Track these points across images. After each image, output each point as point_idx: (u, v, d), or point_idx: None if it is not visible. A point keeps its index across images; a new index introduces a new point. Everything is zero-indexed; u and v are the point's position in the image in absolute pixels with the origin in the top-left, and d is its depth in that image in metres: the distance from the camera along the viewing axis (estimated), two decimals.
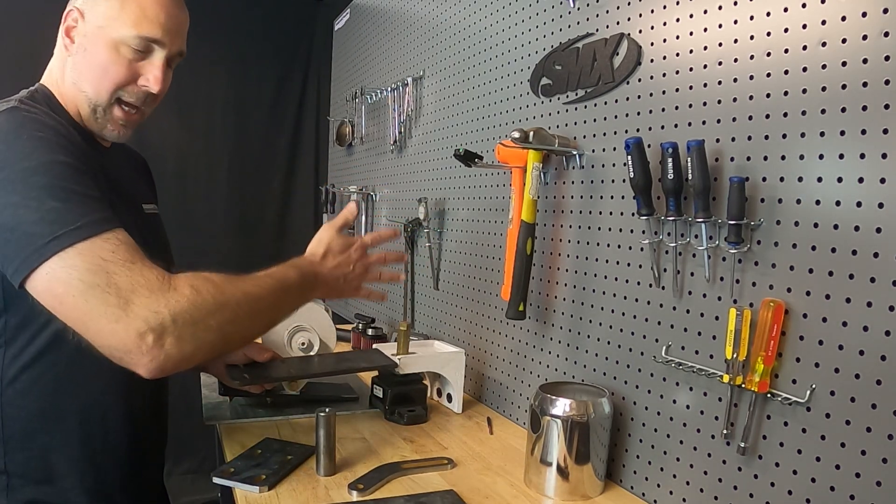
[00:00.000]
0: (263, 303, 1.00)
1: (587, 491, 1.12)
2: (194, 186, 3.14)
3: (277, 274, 1.04)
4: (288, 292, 1.05)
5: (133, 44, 1.02)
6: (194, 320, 0.88)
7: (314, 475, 1.16)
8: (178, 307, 0.86)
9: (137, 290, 0.85)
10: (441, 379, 1.58)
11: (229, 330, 0.93)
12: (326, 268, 1.15)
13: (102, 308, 0.83)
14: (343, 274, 1.17)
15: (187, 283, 0.89)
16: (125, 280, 0.85)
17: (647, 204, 1.07)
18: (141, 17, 1.02)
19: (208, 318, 0.90)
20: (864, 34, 0.79)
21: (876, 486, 0.77)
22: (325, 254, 1.16)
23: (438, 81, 1.91)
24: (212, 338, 0.91)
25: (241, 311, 0.95)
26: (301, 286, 1.08)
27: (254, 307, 0.98)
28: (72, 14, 1.03)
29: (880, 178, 0.77)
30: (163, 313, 0.85)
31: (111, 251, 0.86)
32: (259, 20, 3.21)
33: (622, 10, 1.18)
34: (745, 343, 0.91)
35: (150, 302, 0.85)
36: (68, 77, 1.04)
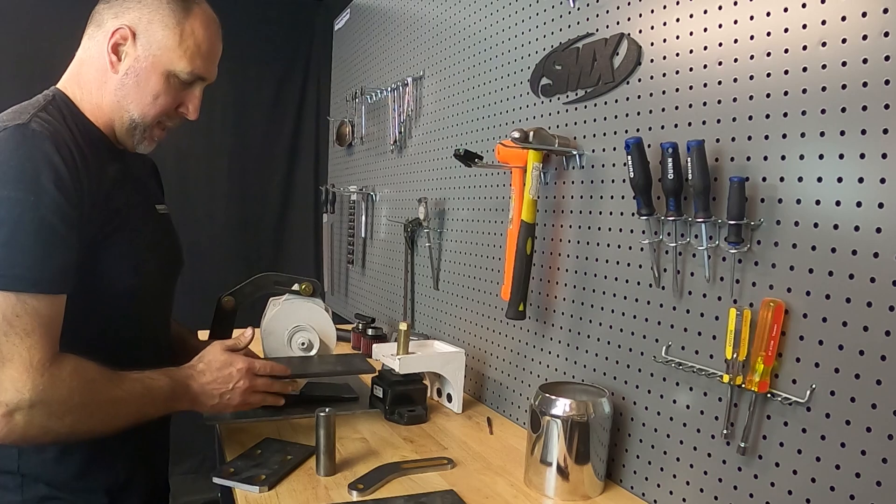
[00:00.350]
0: (126, 410, 1.00)
1: (587, 491, 1.12)
2: (194, 186, 3.14)
3: (149, 381, 1.04)
4: (154, 401, 1.04)
5: (184, 77, 1.07)
6: (51, 413, 0.90)
7: (314, 475, 1.16)
8: (42, 396, 0.88)
9: (13, 362, 0.87)
10: (441, 379, 1.58)
11: (80, 430, 0.95)
12: (199, 382, 1.12)
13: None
14: (218, 392, 1.14)
15: (63, 377, 0.91)
16: (8, 347, 0.87)
17: (647, 204, 1.07)
18: (196, 54, 1.06)
19: (66, 415, 0.92)
20: (864, 34, 0.79)
21: (876, 486, 0.77)
22: (202, 370, 1.14)
23: (438, 81, 1.91)
24: (60, 432, 0.93)
25: (100, 416, 0.97)
26: (170, 396, 1.07)
27: (115, 413, 0.99)
28: (121, 31, 1.03)
29: (880, 178, 0.77)
30: (24, 395, 0.87)
31: (16, 314, 0.87)
32: (259, 20, 3.21)
33: (622, 10, 1.18)
34: (745, 343, 0.91)
35: (18, 379, 0.87)
36: (111, 93, 1.05)
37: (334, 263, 2.97)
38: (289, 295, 1.56)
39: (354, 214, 2.63)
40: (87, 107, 1.06)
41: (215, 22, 1.11)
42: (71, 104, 1.05)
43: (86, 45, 1.07)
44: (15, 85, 1.07)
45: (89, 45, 1.07)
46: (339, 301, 2.90)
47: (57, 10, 2.69)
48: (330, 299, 2.97)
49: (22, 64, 2.66)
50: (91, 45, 1.06)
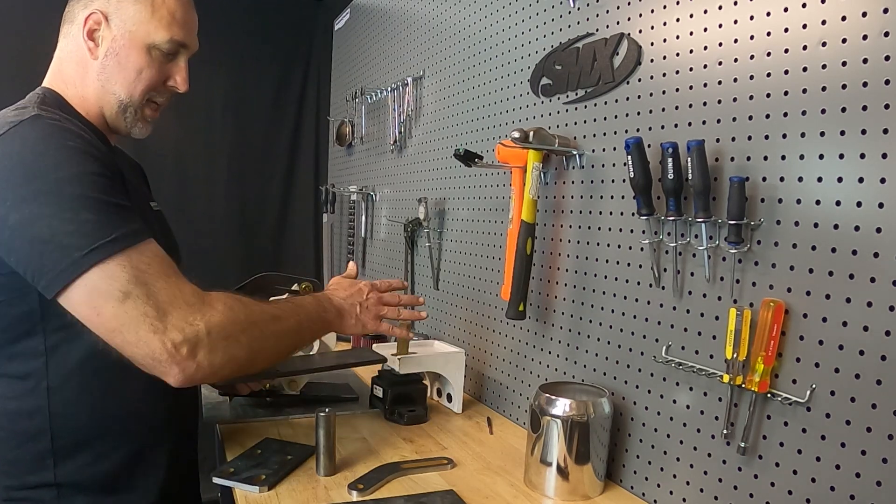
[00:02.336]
0: (287, 324, 1.06)
1: (587, 491, 1.12)
2: (194, 186, 3.14)
3: (296, 300, 1.13)
4: (308, 317, 1.11)
5: (165, 48, 1.06)
6: (227, 334, 0.93)
7: (314, 475, 1.16)
8: (212, 321, 0.91)
9: (175, 302, 0.89)
10: (441, 379, 1.57)
11: (257, 347, 0.98)
12: (339, 297, 1.22)
13: (141, 318, 0.86)
14: (357, 302, 1.23)
15: (220, 300, 0.94)
16: (164, 292, 0.89)
17: (647, 204, 1.07)
18: (172, 22, 1.06)
19: (240, 334, 0.95)
20: (864, 34, 0.79)
21: (876, 486, 0.77)
22: (334, 289, 1.25)
23: (438, 81, 1.91)
24: (241, 353, 0.95)
25: (268, 331, 1.01)
26: (318, 311, 1.15)
27: (279, 328, 1.04)
28: (93, 17, 1.03)
29: (880, 178, 0.77)
30: (198, 326, 0.89)
31: (147, 263, 0.89)
32: (259, 20, 3.21)
33: (622, 10, 1.18)
34: (745, 343, 0.91)
35: (187, 314, 0.89)
36: (93, 80, 1.05)
37: (334, 263, 2.97)
38: (289, 295, 1.56)
39: (354, 214, 2.63)
40: (75, 100, 1.06)
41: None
42: (61, 99, 1.06)
43: (62, 44, 1.08)
44: (14, 85, 1.06)
45: (65, 43, 1.07)
46: None
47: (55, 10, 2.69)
48: None
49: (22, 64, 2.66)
50: (67, 42, 1.07)
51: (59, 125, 0.94)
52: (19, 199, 0.86)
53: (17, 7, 2.71)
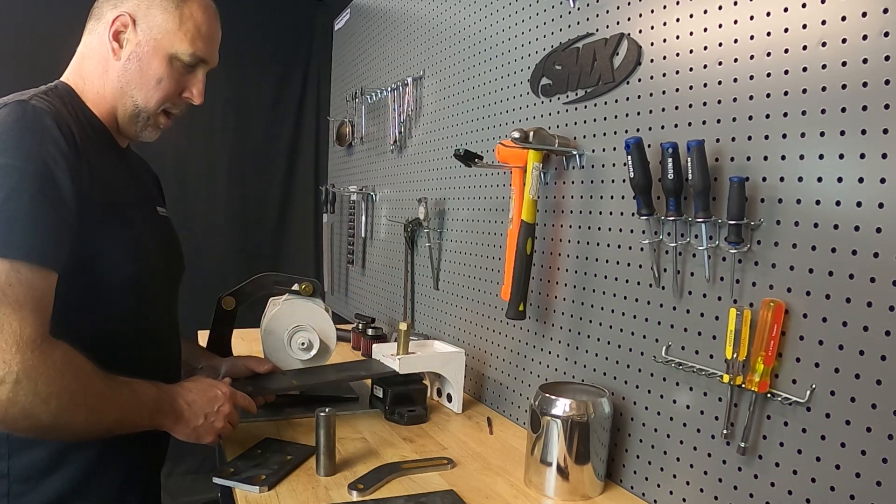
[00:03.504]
0: (110, 410, 0.95)
1: (587, 491, 1.12)
2: (194, 186, 3.14)
3: (137, 385, 0.99)
4: (140, 407, 0.99)
5: (186, 60, 1.07)
6: (36, 393, 0.84)
7: (314, 475, 1.16)
8: (29, 372, 0.83)
9: (3, 334, 0.82)
10: (441, 379, 1.58)
11: (62, 420, 0.88)
12: (186, 399, 1.08)
13: None
14: (204, 413, 1.08)
15: (57, 358, 0.86)
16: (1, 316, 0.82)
17: (647, 204, 1.07)
18: (196, 36, 1.06)
19: (51, 400, 0.85)
20: (864, 34, 0.79)
21: (876, 486, 0.77)
22: (190, 387, 1.11)
23: (438, 81, 1.91)
24: (44, 418, 0.86)
25: (85, 410, 0.91)
26: (155, 406, 1.02)
27: (100, 410, 0.93)
28: (121, 18, 1.04)
29: (880, 179, 0.77)
30: (11, 369, 0.82)
31: (9, 283, 0.83)
32: (259, 20, 3.21)
33: (622, 10, 1.18)
34: (745, 343, 0.91)
35: (6, 350, 0.82)
36: (113, 80, 1.05)
37: (334, 263, 2.97)
38: (289, 295, 1.56)
39: (354, 214, 2.63)
40: (90, 96, 1.06)
41: (213, 6, 1.12)
42: (73, 94, 1.06)
43: (86, 39, 1.08)
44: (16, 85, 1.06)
45: (90, 39, 1.07)
46: (339, 301, 2.90)
47: (57, 9, 2.69)
48: (330, 299, 2.98)
49: (22, 63, 2.66)
50: (91, 39, 1.07)
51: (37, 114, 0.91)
52: None
53: (18, 5, 2.72)
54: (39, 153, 0.89)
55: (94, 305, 1.00)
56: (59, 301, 0.91)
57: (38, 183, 0.88)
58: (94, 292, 0.99)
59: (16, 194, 0.86)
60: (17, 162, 0.87)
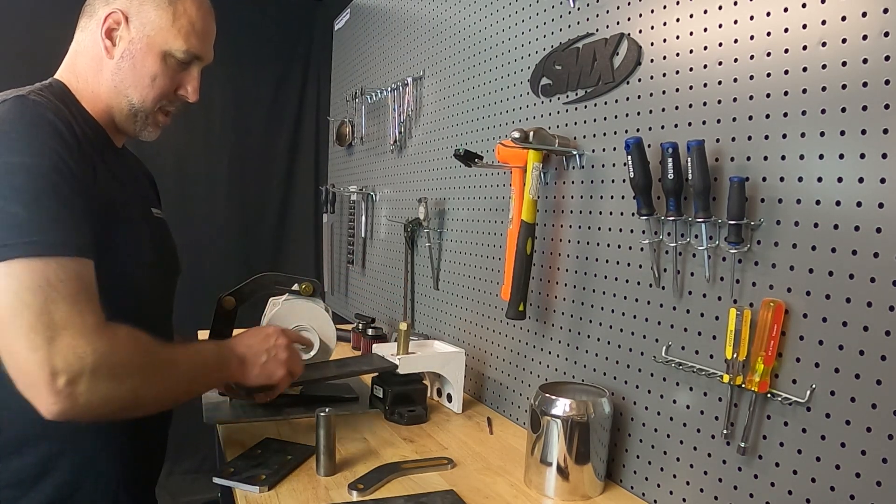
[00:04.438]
0: (182, 373, 0.99)
1: (587, 491, 1.12)
2: (194, 186, 3.14)
3: (197, 345, 1.06)
4: (206, 364, 1.05)
5: (180, 57, 1.05)
6: (114, 375, 0.86)
7: (314, 475, 1.16)
8: (103, 359, 0.84)
9: (70, 328, 0.82)
10: (441, 379, 1.58)
11: (142, 394, 0.92)
12: (243, 344, 1.14)
13: (27, 332, 0.80)
14: (264, 349, 1.15)
15: (121, 338, 0.88)
16: (62, 312, 0.82)
17: (647, 204, 1.07)
18: (190, 32, 1.05)
19: (127, 378, 0.88)
20: (864, 34, 0.79)
21: (876, 486, 0.77)
22: (241, 334, 1.18)
23: (438, 81, 1.91)
24: (124, 397, 0.89)
25: (160, 379, 0.95)
26: (218, 359, 1.08)
27: (173, 377, 0.97)
28: (113, 16, 1.02)
29: (880, 179, 0.77)
30: (85, 359, 0.82)
31: (60, 279, 0.83)
32: (259, 20, 3.21)
33: (622, 10, 1.18)
34: (745, 343, 0.91)
35: (78, 343, 0.82)
36: (107, 79, 1.04)
37: (334, 263, 2.97)
38: (289, 295, 1.56)
39: (354, 214, 2.63)
40: (85, 95, 1.05)
41: (207, 2, 1.10)
42: (68, 92, 1.04)
43: (79, 37, 1.07)
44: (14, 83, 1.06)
45: (82, 37, 1.06)
46: (339, 301, 2.90)
47: (56, 7, 2.69)
48: (330, 299, 2.98)
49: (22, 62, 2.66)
50: (84, 36, 1.06)
51: (39, 110, 0.91)
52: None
53: (19, 6, 2.72)
54: (50, 147, 0.89)
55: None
56: None
57: (57, 177, 0.88)
58: None
59: (42, 192, 0.86)
60: (32, 159, 0.87)
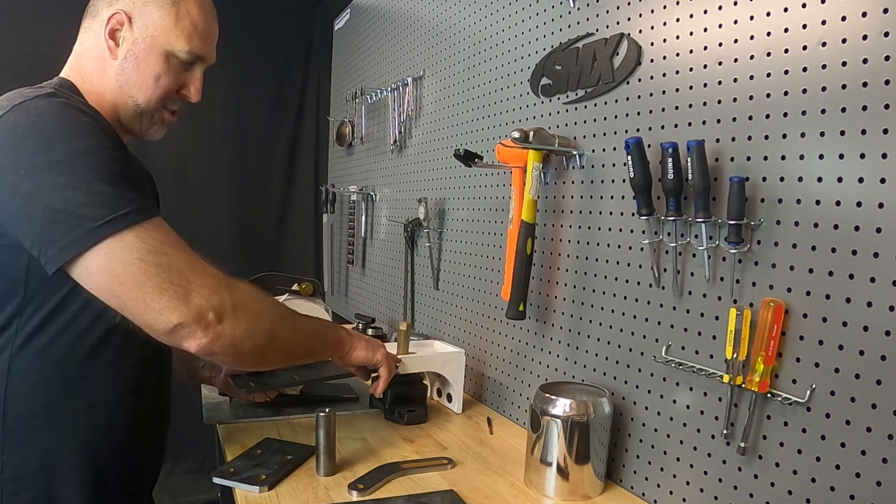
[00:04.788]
0: (305, 323, 1.12)
1: (587, 491, 1.12)
2: (194, 186, 3.14)
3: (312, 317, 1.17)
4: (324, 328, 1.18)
5: (183, 57, 1.07)
6: (250, 311, 0.95)
7: (314, 475, 1.16)
8: (237, 295, 0.94)
9: (199, 273, 0.91)
10: (441, 379, 1.57)
11: (277, 331, 1.01)
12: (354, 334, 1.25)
13: (166, 286, 0.87)
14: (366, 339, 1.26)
15: (243, 282, 0.98)
16: (186, 262, 0.90)
17: (647, 204, 1.07)
18: (192, 33, 1.06)
19: (262, 312, 0.98)
20: (864, 34, 0.79)
21: (876, 486, 0.77)
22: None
23: (438, 81, 1.91)
24: (262, 332, 0.98)
25: (288, 321, 1.05)
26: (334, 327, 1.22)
27: (297, 323, 1.09)
28: (117, 16, 1.03)
29: (880, 178, 0.77)
30: (223, 296, 0.92)
31: (164, 237, 0.90)
32: (259, 20, 3.21)
33: (622, 10, 1.18)
34: (745, 343, 0.91)
35: (213, 284, 0.92)
36: (112, 79, 1.05)
37: (334, 263, 2.97)
38: (289, 295, 1.56)
39: (354, 214, 2.63)
40: (91, 95, 1.06)
41: (209, 2, 1.11)
42: (77, 91, 1.05)
43: (82, 38, 1.08)
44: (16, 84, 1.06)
45: (86, 38, 1.07)
46: (339, 301, 2.90)
47: (56, 8, 2.69)
48: (330, 299, 2.98)
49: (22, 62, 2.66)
50: (88, 37, 1.06)
51: (71, 103, 0.94)
52: (33, 167, 0.86)
53: (17, 5, 2.72)
54: (95, 129, 0.93)
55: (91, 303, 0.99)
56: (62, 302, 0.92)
57: (116, 154, 0.92)
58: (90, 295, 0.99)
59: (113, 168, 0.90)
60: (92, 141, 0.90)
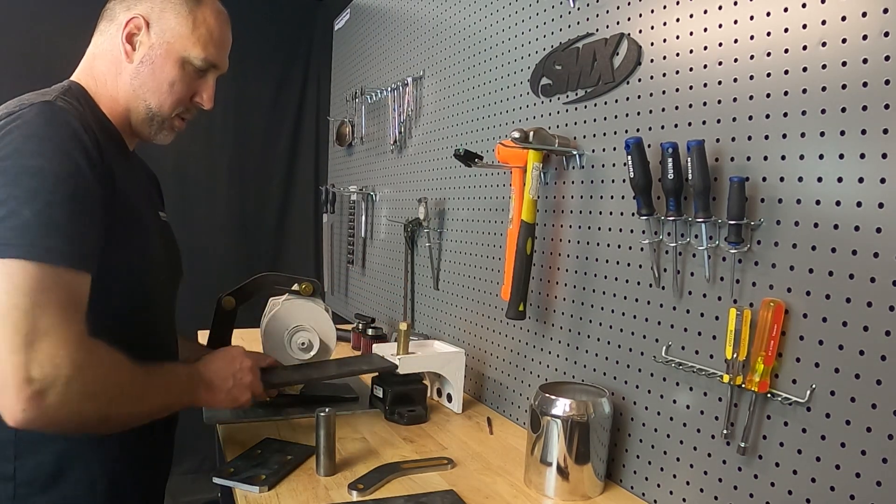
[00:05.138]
0: (152, 396, 0.99)
1: (587, 491, 1.12)
2: (194, 186, 3.14)
3: (169, 367, 1.06)
4: (177, 386, 1.06)
5: (198, 64, 1.07)
6: (85, 392, 0.86)
7: (314, 475, 1.16)
8: (79, 372, 0.84)
9: (52, 335, 0.82)
10: (441, 379, 1.57)
11: (112, 414, 0.92)
12: (209, 369, 1.15)
13: (10, 333, 0.80)
14: (230, 374, 1.17)
15: (100, 356, 0.88)
16: (48, 320, 0.82)
17: (647, 204, 1.07)
18: (208, 41, 1.07)
19: (100, 395, 0.88)
20: (864, 34, 0.79)
21: (876, 486, 0.77)
22: (208, 359, 1.18)
23: (438, 81, 1.91)
24: (92, 415, 0.89)
25: (131, 400, 0.95)
26: (187, 382, 1.09)
27: (143, 398, 0.97)
28: (135, 21, 1.03)
29: (880, 178, 0.77)
30: (61, 370, 0.82)
31: (51, 287, 0.84)
32: (259, 20, 3.21)
33: (622, 10, 1.18)
34: (745, 343, 0.91)
35: (55, 353, 0.82)
36: (126, 83, 1.05)
37: (334, 263, 2.97)
38: (289, 295, 1.56)
39: (354, 214, 2.63)
40: (103, 99, 1.06)
41: (224, 12, 1.13)
42: (87, 95, 1.05)
43: (97, 40, 1.08)
44: (17, 85, 1.06)
45: (101, 41, 1.07)
46: (339, 301, 2.90)
47: (59, 10, 2.69)
48: (330, 299, 2.98)
49: (25, 64, 2.66)
50: (103, 40, 1.06)
51: (64, 117, 0.92)
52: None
53: (19, 6, 2.71)
54: (71, 154, 0.89)
55: (98, 311, 0.99)
56: None
57: (73, 186, 0.88)
58: (99, 298, 0.98)
59: (54, 198, 0.86)
60: (52, 165, 0.87)
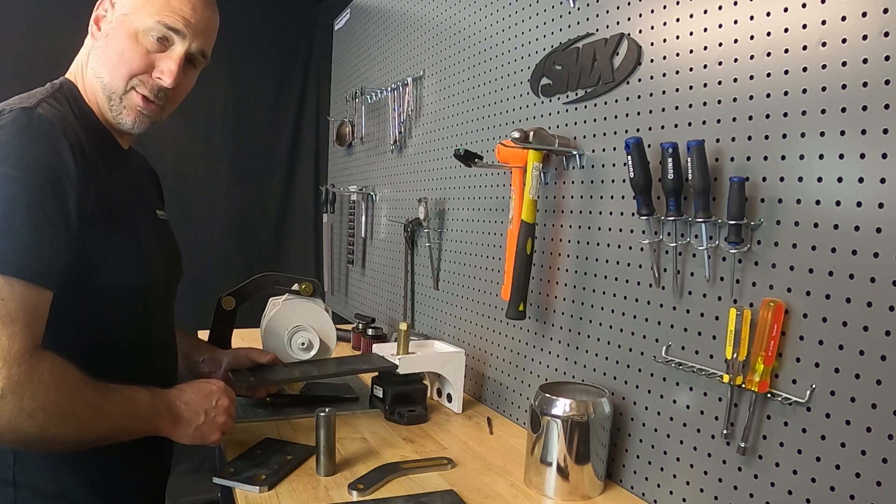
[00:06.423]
0: (102, 419, 0.92)
1: (587, 491, 1.12)
2: (194, 186, 3.14)
3: (130, 392, 0.97)
4: (134, 414, 0.97)
5: (153, 33, 1.00)
6: (21, 409, 0.82)
7: (314, 475, 1.16)
8: (15, 388, 0.81)
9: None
10: (441, 379, 1.57)
11: (50, 433, 0.86)
12: (182, 399, 1.05)
13: None
14: (203, 409, 1.06)
15: (45, 372, 0.85)
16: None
17: (647, 204, 1.07)
18: (164, 7, 1.01)
19: (37, 414, 0.84)
20: (864, 34, 0.79)
21: (876, 486, 0.77)
22: (184, 387, 1.08)
23: (438, 81, 1.91)
24: (30, 431, 0.84)
25: (74, 422, 0.89)
26: (150, 410, 0.99)
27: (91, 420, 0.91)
28: (103, 4, 1.03)
29: (880, 178, 0.77)
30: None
31: (1, 298, 0.82)
32: (259, 20, 3.21)
33: (622, 10, 1.18)
34: (745, 343, 0.91)
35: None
36: (90, 65, 1.03)
37: (334, 263, 2.97)
38: (289, 295, 1.56)
39: (354, 214, 2.63)
40: (88, 93, 1.04)
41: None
42: (76, 92, 1.04)
43: None
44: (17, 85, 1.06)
45: None
46: (339, 301, 2.90)
47: (60, 10, 2.68)
48: (330, 299, 2.97)
49: (25, 64, 2.66)
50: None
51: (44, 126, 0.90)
52: None
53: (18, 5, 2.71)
54: (43, 164, 0.87)
55: (95, 314, 0.99)
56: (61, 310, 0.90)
57: (39, 196, 0.86)
58: (95, 301, 0.98)
59: (14, 208, 0.84)
60: (18, 173, 0.85)
